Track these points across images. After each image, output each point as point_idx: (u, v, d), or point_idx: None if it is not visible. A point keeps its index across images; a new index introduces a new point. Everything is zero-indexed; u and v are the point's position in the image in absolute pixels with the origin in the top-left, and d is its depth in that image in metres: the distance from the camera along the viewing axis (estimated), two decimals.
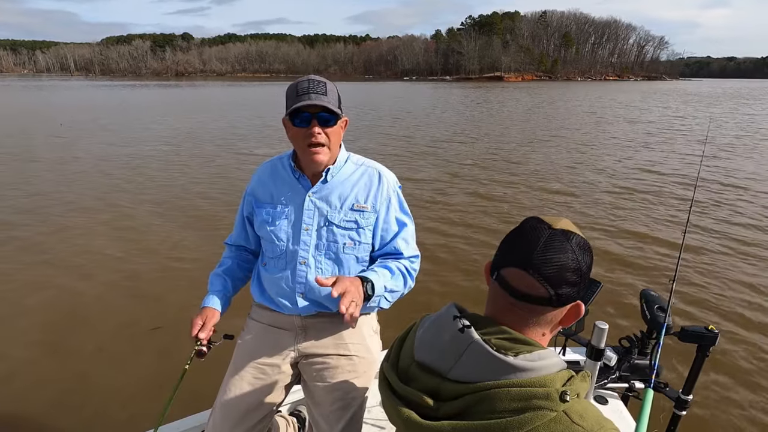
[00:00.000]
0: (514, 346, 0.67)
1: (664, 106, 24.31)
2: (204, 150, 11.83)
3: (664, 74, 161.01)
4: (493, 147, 12.75)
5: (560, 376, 0.66)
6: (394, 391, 0.74)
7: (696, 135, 15.06)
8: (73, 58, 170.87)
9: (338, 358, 1.40)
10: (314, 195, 1.35)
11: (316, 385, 1.38)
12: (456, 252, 5.33)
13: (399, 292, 1.36)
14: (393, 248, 1.38)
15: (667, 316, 1.63)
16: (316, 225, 1.34)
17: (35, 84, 66.70)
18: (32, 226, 6.04)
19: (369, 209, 1.35)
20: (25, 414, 2.74)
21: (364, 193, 1.36)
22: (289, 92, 1.28)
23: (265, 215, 1.38)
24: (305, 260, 1.34)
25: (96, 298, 4.18)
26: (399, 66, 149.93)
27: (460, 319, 0.71)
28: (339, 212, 1.34)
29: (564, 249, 0.68)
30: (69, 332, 3.61)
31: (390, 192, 1.39)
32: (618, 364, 1.76)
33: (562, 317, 0.73)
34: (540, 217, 0.73)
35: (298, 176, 1.37)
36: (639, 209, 7.01)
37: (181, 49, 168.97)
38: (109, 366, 3.16)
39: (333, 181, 1.36)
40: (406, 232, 1.41)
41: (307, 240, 1.34)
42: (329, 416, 1.34)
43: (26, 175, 8.88)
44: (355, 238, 1.35)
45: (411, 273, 1.38)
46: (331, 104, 1.25)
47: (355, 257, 1.37)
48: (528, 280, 0.68)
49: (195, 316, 1.34)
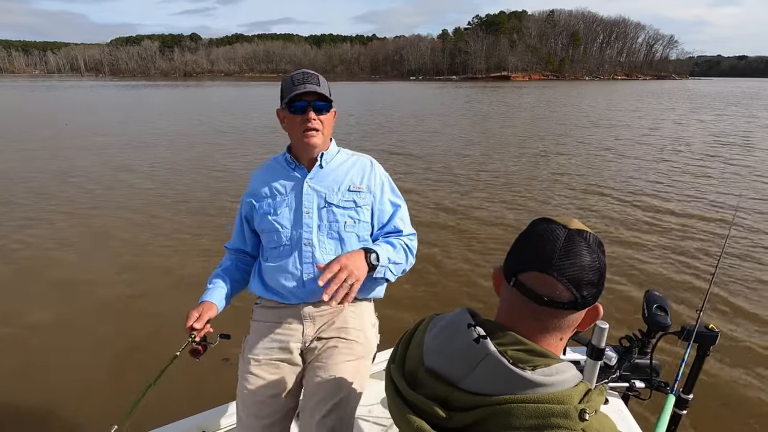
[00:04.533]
0: (531, 358, 0.65)
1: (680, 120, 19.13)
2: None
3: (674, 73, 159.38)
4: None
5: (577, 391, 0.64)
6: (401, 396, 0.72)
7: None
8: (83, 59, 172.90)
9: (337, 341, 1.40)
10: (312, 180, 1.42)
11: (312, 365, 1.38)
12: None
13: (402, 266, 1.42)
14: (392, 227, 1.46)
15: (668, 316, 1.63)
16: (316, 207, 1.40)
17: (57, 84, 67.27)
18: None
19: (365, 190, 1.43)
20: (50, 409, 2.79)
21: (359, 177, 1.44)
22: (284, 84, 1.38)
23: (266, 207, 1.43)
24: (309, 241, 1.39)
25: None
26: (405, 66, 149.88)
27: (475, 328, 0.68)
28: (337, 193, 1.41)
29: (583, 249, 0.66)
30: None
31: (382, 177, 1.49)
32: (618, 364, 1.76)
33: (582, 320, 0.71)
34: (550, 217, 0.70)
35: (294, 166, 1.44)
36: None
37: (189, 50, 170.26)
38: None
39: (328, 167, 1.44)
40: (402, 212, 1.49)
41: (309, 222, 1.39)
42: (320, 399, 1.29)
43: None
44: (355, 216, 1.41)
45: (411, 249, 1.45)
46: (325, 92, 1.36)
47: (356, 235, 1.42)
48: (552, 283, 0.65)
49: (191, 309, 1.34)
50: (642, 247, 5.44)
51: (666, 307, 1.67)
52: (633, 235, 5.84)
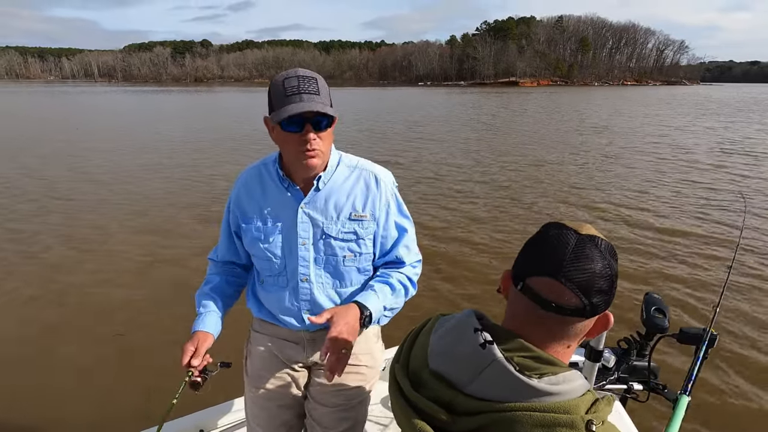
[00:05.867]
0: (538, 366, 0.64)
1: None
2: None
3: (684, 79, 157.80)
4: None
5: (584, 401, 0.62)
6: (405, 396, 0.71)
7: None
8: (96, 65, 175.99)
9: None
10: (307, 206, 1.23)
11: (318, 392, 1.34)
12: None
13: (398, 309, 1.31)
14: (395, 257, 1.30)
15: (666, 319, 1.63)
16: (313, 238, 1.24)
17: (75, 89, 68.40)
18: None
19: (368, 217, 1.24)
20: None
21: (361, 201, 1.24)
22: (274, 90, 1.10)
23: (256, 232, 1.26)
24: (306, 277, 1.26)
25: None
26: (414, 72, 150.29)
27: (482, 333, 0.67)
28: (336, 223, 1.23)
29: (594, 255, 0.64)
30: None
31: (388, 196, 1.28)
32: (616, 366, 1.76)
33: (591, 328, 0.69)
34: (562, 222, 0.69)
35: (287, 185, 1.24)
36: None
37: (200, 56, 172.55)
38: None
39: (326, 188, 1.23)
40: (407, 238, 1.32)
41: (306, 255, 1.25)
42: (330, 423, 1.31)
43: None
44: (355, 249, 1.26)
45: (413, 281, 1.32)
46: (324, 106, 1.09)
47: (356, 269, 1.28)
48: (559, 289, 0.63)
49: (186, 342, 1.19)
50: (644, 251, 5.41)
51: (664, 310, 1.67)
52: (636, 237, 5.81)
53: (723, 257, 5.23)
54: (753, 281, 4.60)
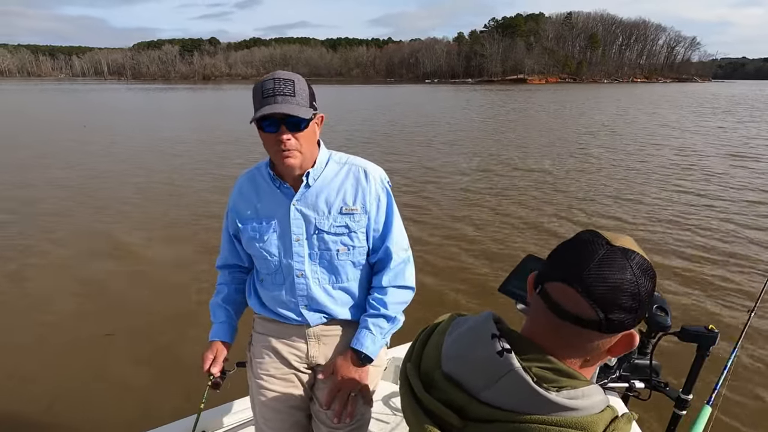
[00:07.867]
0: (556, 378, 0.61)
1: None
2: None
3: (696, 76, 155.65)
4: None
5: (603, 419, 0.60)
6: (416, 398, 0.70)
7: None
8: (106, 63, 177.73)
9: None
10: (299, 203, 1.27)
11: (323, 392, 1.35)
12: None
13: (396, 327, 1.36)
14: (383, 254, 1.33)
15: (668, 317, 1.63)
16: (306, 234, 1.28)
17: (80, 87, 68.85)
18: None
19: (359, 210, 1.28)
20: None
21: (351, 195, 1.28)
22: (255, 92, 1.17)
23: (252, 231, 1.31)
24: (302, 272, 1.29)
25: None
26: (421, 69, 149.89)
27: (500, 340, 0.64)
28: (327, 218, 1.27)
29: (622, 268, 0.59)
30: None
31: (379, 190, 1.31)
32: (618, 364, 1.76)
33: (611, 346, 0.64)
34: (597, 230, 0.65)
35: (279, 184, 1.28)
36: None
37: (208, 53, 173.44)
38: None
39: (316, 185, 1.27)
40: (396, 234, 1.34)
41: (300, 251, 1.29)
42: (335, 423, 1.33)
43: None
44: (348, 243, 1.29)
45: (406, 284, 1.35)
46: (298, 108, 1.14)
47: (351, 263, 1.31)
48: (574, 297, 0.60)
49: (205, 351, 1.34)
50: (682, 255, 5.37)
51: (666, 308, 1.67)
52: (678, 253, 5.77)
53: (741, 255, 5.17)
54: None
